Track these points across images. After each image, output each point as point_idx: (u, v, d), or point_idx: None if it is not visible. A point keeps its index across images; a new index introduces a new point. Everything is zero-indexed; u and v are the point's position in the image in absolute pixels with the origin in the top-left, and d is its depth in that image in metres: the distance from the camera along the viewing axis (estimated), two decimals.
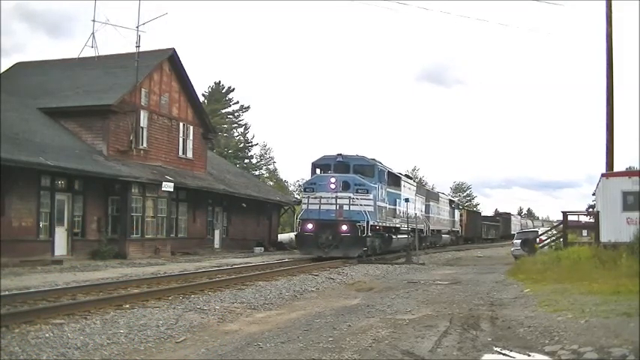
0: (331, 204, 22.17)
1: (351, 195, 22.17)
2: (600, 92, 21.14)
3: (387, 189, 25.48)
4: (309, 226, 22.26)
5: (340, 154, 23.73)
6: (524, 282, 14.13)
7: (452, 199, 49.91)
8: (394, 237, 26.24)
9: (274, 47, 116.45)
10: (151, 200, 24.59)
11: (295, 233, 23.56)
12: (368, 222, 21.81)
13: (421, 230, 31.20)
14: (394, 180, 27.34)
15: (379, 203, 23.87)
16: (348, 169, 23.38)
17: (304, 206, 22.96)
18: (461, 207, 58.11)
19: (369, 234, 22.13)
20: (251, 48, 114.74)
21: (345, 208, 22.11)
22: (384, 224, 24.64)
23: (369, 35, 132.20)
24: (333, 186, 22.31)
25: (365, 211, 21.87)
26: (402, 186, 28.56)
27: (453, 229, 45.76)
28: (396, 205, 26.92)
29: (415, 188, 32.56)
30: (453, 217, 46.36)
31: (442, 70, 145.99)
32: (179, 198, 27.21)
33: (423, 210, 34.03)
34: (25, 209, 19.46)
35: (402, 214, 27.63)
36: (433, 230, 36.00)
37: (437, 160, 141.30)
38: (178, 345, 7.35)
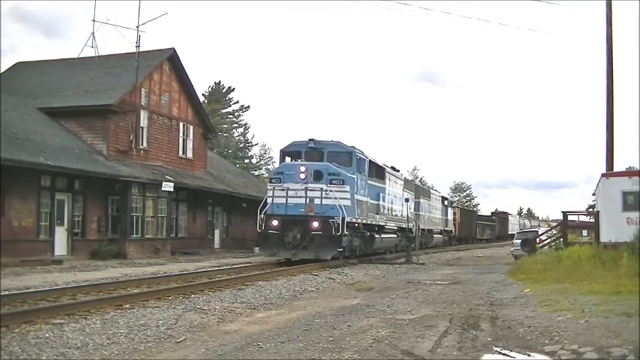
0: (300, 197, 19.14)
1: (324, 186, 19.09)
2: (600, 92, 21.14)
3: (369, 181, 22.46)
4: (274, 222, 19.16)
5: (312, 140, 20.57)
6: (524, 282, 14.14)
7: (444, 196, 46.84)
8: (377, 236, 23.29)
9: (274, 47, 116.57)
10: (151, 200, 24.60)
11: (258, 232, 20.19)
12: (344, 218, 18.76)
13: (410, 230, 28.98)
14: (377, 171, 24.18)
15: (358, 197, 20.77)
16: (321, 157, 20.33)
17: (269, 200, 19.60)
18: (454, 205, 55.51)
19: (346, 232, 19.21)
20: (251, 48, 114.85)
21: (317, 201, 19.03)
22: (364, 221, 21.54)
23: (368, 35, 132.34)
24: (302, 176, 19.22)
25: (340, 206, 18.84)
26: (387, 179, 25.54)
27: (446, 228, 43.30)
28: (379, 200, 23.91)
29: (403, 182, 29.48)
30: (446, 215, 43.78)
31: (442, 70, 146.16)
32: (179, 198, 27.21)
33: (412, 207, 30.87)
34: (25, 209, 19.46)
35: (386, 210, 25.02)
36: (424, 230, 32.83)
37: (437, 160, 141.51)
38: (178, 345, 7.35)
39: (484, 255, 34.37)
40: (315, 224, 18.84)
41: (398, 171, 28.57)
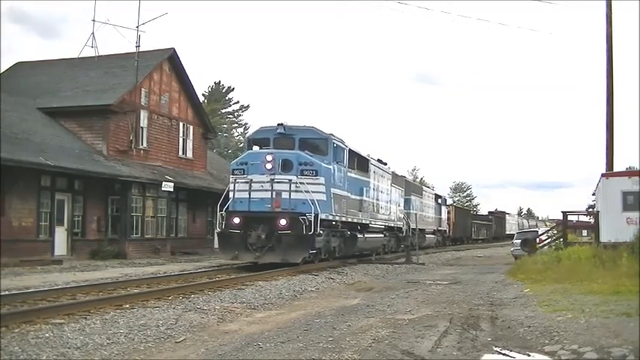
0: (266, 190, 16.67)
1: (294, 178, 16.61)
2: (600, 92, 21.14)
3: (349, 173, 19.84)
4: (235, 220, 16.68)
5: (282, 125, 18.04)
6: (524, 282, 14.14)
7: (438, 193, 44.55)
8: (360, 236, 20.78)
9: (274, 47, 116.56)
10: (150, 200, 24.62)
11: (217, 230, 17.75)
12: (317, 215, 16.29)
13: (399, 229, 27.54)
14: (360, 163, 21.53)
15: (336, 190, 18.27)
16: (292, 145, 17.87)
17: (230, 194, 17.26)
18: (449, 203, 52.67)
19: (320, 231, 16.85)
20: (251, 48, 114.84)
21: (285, 195, 16.51)
22: (343, 219, 19.07)
23: (368, 36, 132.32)
24: (269, 166, 16.66)
25: (313, 200, 16.34)
26: (372, 172, 22.91)
27: (439, 228, 40.99)
28: (362, 195, 21.35)
29: (390, 177, 26.58)
30: (440, 214, 41.56)
31: (442, 70, 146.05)
32: (179, 198, 27.21)
33: (402, 205, 28.70)
34: (25, 209, 19.46)
35: (371, 207, 22.68)
36: (415, 229, 29.56)
37: (437, 160, 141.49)
38: (178, 345, 7.35)
39: (484, 255, 34.39)
40: (283, 222, 16.33)
41: (385, 164, 26.11)
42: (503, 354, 6.83)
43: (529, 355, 6.71)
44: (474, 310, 10.07)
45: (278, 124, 18.14)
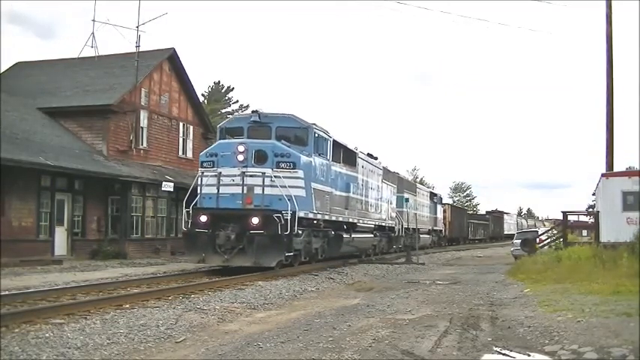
0: (237, 185, 14.91)
1: (268, 171, 14.86)
2: (600, 92, 21.13)
3: (334, 167, 18.15)
4: (202, 218, 15.01)
5: (257, 112, 16.35)
6: (524, 282, 14.14)
7: (433, 191, 43.17)
8: (346, 236, 19.24)
9: (274, 47, 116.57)
10: (150, 200, 24.64)
11: (183, 230, 16.13)
12: (295, 213, 14.58)
13: (391, 229, 26.55)
14: (346, 156, 19.78)
15: (317, 185, 16.53)
16: (269, 134, 16.09)
17: (198, 189, 15.66)
18: (444, 202, 50.65)
19: (299, 231, 15.36)
20: (251, 48, 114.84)
21: (258, 190, 14.73)
22: (326, 217, 17.37)
23: (368, 35, 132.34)
24: (240, 157, 14.98)
25: (290, 196, 14.68)
26: (360, 166, 21.04)
27: (435, 227, 39.55)
28: (349, 191, 19.55)
29: (381, 172, 24.72)
30: (435, 213, 40.10)
31: (441, 70, 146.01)
32: (179, 198, 27.16)
33: (394, 202, 27.22)
34: (25, 209, 19.47)
35: (359, 204, 20.96)
36: (408, 229, 28.39)
37: (437, 160, 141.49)
38: (178, 345, 7.35)
39: (484, 255, 34.42)
40: (255, 221, 14.48)
41: (376, 158, 24.18)
42: (504, 354, 6.83)
43: (529, 355, 6.71)
44: (474, 310, 10.07)
45: (252, 112, 16.63)
